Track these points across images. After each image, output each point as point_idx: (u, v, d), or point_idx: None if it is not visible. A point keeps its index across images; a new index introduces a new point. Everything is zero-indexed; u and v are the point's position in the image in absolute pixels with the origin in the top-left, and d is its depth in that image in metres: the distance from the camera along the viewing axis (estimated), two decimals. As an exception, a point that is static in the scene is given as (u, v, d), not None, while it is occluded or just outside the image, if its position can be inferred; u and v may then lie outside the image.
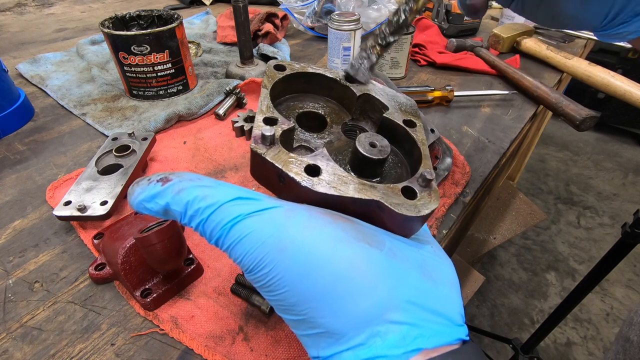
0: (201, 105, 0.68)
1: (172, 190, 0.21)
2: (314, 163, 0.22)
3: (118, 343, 0.34)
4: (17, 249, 0.43)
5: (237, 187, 0.22)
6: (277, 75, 0.28)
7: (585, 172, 2.33)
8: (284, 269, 0.19)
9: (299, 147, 0.27)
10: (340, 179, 0.22)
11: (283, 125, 0.24)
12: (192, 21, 1.15)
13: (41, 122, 0.67)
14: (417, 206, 0.22)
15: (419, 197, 0.23)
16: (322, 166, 0.22)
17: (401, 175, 0.28)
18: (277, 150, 0.23)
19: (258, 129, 0.23)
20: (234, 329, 0.35)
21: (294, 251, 0.19)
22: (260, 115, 0.25)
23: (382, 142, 0.25)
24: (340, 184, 0.22)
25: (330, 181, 0.22)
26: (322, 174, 0.22)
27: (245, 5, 0.69)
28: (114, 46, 0.65)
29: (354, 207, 0.22)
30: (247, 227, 0.20)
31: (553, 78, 0.85)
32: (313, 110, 0.30)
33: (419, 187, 0.23)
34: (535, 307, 1.58)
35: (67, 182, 0.52)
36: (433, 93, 0.71)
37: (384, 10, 0.98)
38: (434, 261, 0.23)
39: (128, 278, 0.36)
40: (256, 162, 0.24)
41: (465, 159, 0.57)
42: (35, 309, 0.37)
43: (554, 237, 1.90)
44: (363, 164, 0.25)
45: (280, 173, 0.22)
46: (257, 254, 0.20)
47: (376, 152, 0.24)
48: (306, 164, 0.22)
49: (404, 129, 0.27)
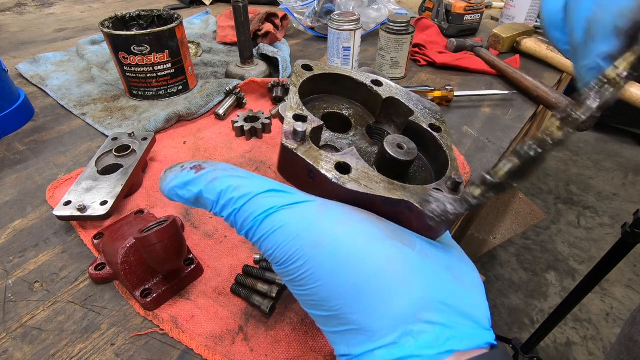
0: (201, 105, 0.68)
1: (206, 178, 0.21)
2: (344, 161, 0.22)
3: (118, 343, 0.34)
4: (17, 249, 0.43)
5: (271, 180, 0.22)
6: (305, 74, 0.28)
7: (585, 172, 2.33)
8: (317, 264, 0.19)
9: (324, 146, 0.27)
10: (370, 177, 0.22)
11: (313, 122, 0.24)
12: (192, 21, 1.15)
13: (41, 122, 0.67)
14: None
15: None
16: (352, 164, 0.22)
17: (426, 179, 0.28)
18: (308, 146, 0.23)
19: (289, 125, 0.23)
20: (234, 329, 0.35)
21: (328, 246, 0.19)
22: (290, 112, 0.25)
23: (410, 145, 0.25)
24: (370, 183, 0.22)
25: (360, 179, 0.22)
26: (351, 171, 0.22)
27: (245, 5, 0.69)
28: (114, 46, 0.65)
29: (383, 207, 0.22)
30: (281, 220, 0.20)
31: (553, 78, 0.85)
32: (338, 111, 0.30)
33: (448, 190, 0.24)
34: (535, 307, 1.58)
35: (67, 182, 0.52)
36: (433, 93, 0.71)
37: (384, 10, 0.98)
38: (460, 264, 0.23)
39: (128, 278, 0.36)
40: (286, 157, 0.23)
41: (465, 159, 0.57)
42: (35, 309, 0.37)
43: (554, 237, 1.90)
44: (390, 165, 0.25)
45: (311, 169, 0.22)
46: (290, 247, 0.19)
47: (403, 153, 0.24)
48: (337, 162, 0.22)
49: (430, 133, 0.28)
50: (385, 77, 0.57)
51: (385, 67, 0.82)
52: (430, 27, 1.01)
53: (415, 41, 0.92)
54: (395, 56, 0.79)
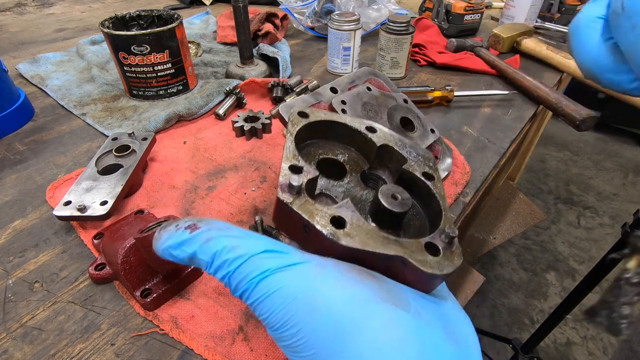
0: (201, 105, 0.68)
1: (200, 238, 0.21)
2: (339, 215, 0.23)
3: (118, 343, 0.34)
4: (17, 249, 0.43)
5: (266, 238, 0.22)
6: (300, 122, 0.28)
7: (585, 172, 2.33)
8: (312, 330, 0.19)
9: (320, 194, 0.27)
10: (364, 231, 0.22)
11: (308, 174, 0.25)
12: (192, 21, 1.15)
13: (41, 122, 0.67)
14: (440, 264, 0.22)
15: (442, 255, 0.23)
16: (347, 218, 0.23)
17: (420, 227, 0.28)
18: (303, 199, 0.23)
19: (285, 177, 0.24)
20: (234, 329, 0.35)
21: (324, 312, 0.19)
22: (286, 163, 0.25)
23: (404, 195, 0.25)
24: (365, 237, 0.22)
25: (354, 234, 0.22)
26: (346, 226, 0.22)
27: (245, 5, 0.69)
28: (114, 46, 0.65)
29: (377, 261, 0.22)
30: (276, 283, 0.20)
31: (553, 78, 0.85)
32: (333, 157, 0.30)
33: (442, 243, 0.24)
34: (535, 307, 1.58)
35: (67, 182, 0.52)
36: (433, 93, 0.71)
37: (384, 10, 0.98)
38: (455, 320, 0.23)
39: (128, 278, 0.36)
40: (282, 210, 0.24)
41: (465, 159, 0.57)
42: (35, 309, 0.37)
43: (554, 237, 1.90)
44: (384, 215, 0.25)
45: (306, 224, 0.22)
46: (286, 312, 0.19)
47: (398, 204, 0.24)
48: (332, 216, 0.22)
49: (423, 182, 0.28)
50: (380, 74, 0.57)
51: (385, 67, 0.82)
52: (430, 27, 1.01)
53: (415, 41, 0.92)
54: (395, 56, 0.79)
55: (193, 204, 0.49)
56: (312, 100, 0.48)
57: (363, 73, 0.55)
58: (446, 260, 0.23)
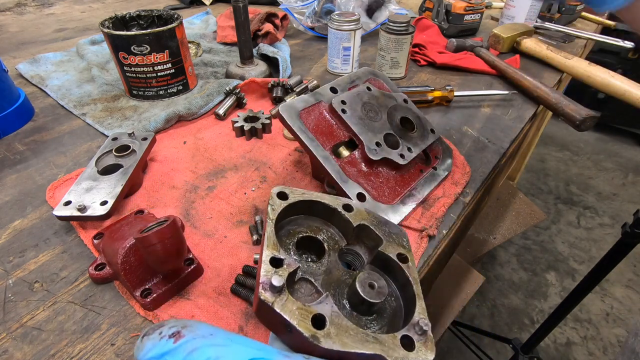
0: (201, 105, 0.68)
1: (185, 349, 0.20)
2: (319, 312, 0.24)
3: (118, 343, 0.34)
4: (17, 249, 0.43)
5: (251, 342, 0.21)
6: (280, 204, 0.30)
7: (585, 172, 2.33)
8: None
9: (300, 279, 0.28)
10: (344, 330, 0.23)
11: (289, 267, 0.26)
12: (192, 21, 1.15)
13: (41, 122, 0.67)
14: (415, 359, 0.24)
15: (416, 349, 0.24)
16: (326, 314, 0.24)
17: (395, 309, 0.29)
18: (284, 298, 0.24)
19: (266, 275, 0.25)
20: (234, 329, 0.35)
21: None
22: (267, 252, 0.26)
23: (380, 283, 0.26)
24: (344, 337, 0.23)
25: (334, 334, 0.23)
26: (326, 324, 0.23)
27: (245, 5, 0.69)
28: (114, 46, 0.65)
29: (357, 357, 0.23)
30: None
31: (553, 78, 0.85)
32: (313, 236, 0.31)
33: (417, 335, 0.25)
34: (535, 307, 1.58)
35: (67, 182, 0.52)
36: (433, 93, 0.71)
37: (383, 10, 0.98)
38: None
39: (128, 278, 0.36)
40: (264, 308, 0.24)
41: (465, 159, 0.57)
42: (35, 309, 0.37)
43: (554, 237, 1.90)
44: (361, 303, 0.26)
45: (288, 324, 0.23)
46: None
47: (374, 294, 0.26)
48: (312, 314, 0.24)
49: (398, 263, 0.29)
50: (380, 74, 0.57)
51: (385, 67, 0.82)
52: (430, 27, 1.01)
53: (415, 41, 0.92)
54: (395, 56, 0.79)
55: (193, 204, 0.49)
56: (312, 100, 0.48)
57: (363, 73, 0.55)
58: (420, 355, 0.24)
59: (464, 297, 1.16)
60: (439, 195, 0.50)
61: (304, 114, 0.47)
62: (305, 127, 0.46)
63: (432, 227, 0.46)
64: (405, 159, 0.47)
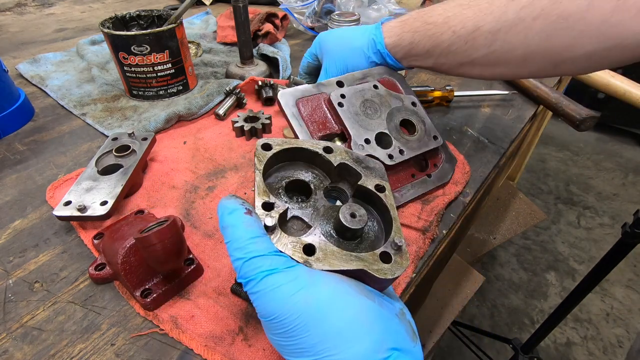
0: (201, 105, 0.68)
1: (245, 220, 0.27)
2: (309, 242, 0.28)
3: (118, 343, 0.34)
4: (17, 249, 0.43)
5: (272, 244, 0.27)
6: (265, 154, 0.33)
7: (585, 172, 2.33)
8: (309, 317, 0.24)
9: (292, 218, 0.31)
10: (331, 253, 0.28)
11: (279, 208, 0.29)
12: (192, 21, 1.15)
13: (41, 122, 0.67)
14: (391, 269, 0.28)
15: (393, 261, 0.28)
16: (315, 243, 0.28)
17: (377, 233, 0.33)
18: (278, 234, 0.27)
19: (260, 214, 0.28)
20: (234, 329, 0.35)
21: (316, 302, 0.24)
22: (259, 199, 0.29)
23: (360, 212, 0.30)
24: (332, 259, 0.27)
25: (323, 258, 0.27)
26: (316, 251, 0.27)
27: (245, 5, 0.69)
28: (114, 46, 0.65)
29: (345, 272, 0.27)
30: (278, 281, 0.24)
31: (553, 78, 0.85)
32: (299, 179, 0.34)
33: (393, 251, 0.29)
34: (535, 307, 1.58)
35: (67, 182, 0.52)
36: (433, 93, 0.71)
37: (384, 10, 0.98)
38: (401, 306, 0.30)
39: (128, 278, 0.36)
40: None
41: (465, 159, 0.57)
42: (35, 309, 0.37)
43: (554, 237, 1.90)
44: (345, 231, 0.30)
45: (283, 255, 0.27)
46: (284, 304, 0.24)
47: (356, 222, 0.29)
48: (303, 245, 0.27)
49: (376, 193, 0.33)
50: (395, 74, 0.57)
51: (385, 67, 0.81)
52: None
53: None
54: (395, 56, 0.79)
55: (193, 204, 0.49)
56: (314, 90, 0.49)
57: (378, 71, 0.55)
58: (396, 265, 0.28)
59: (464, 297, 1.15)
60: (439, 194, 0.50)
61: (302, 102, 0.48)
62: (300, 114, 0.47)
63: (433, 224, 0.46)
64: (394, 160, 0.47)
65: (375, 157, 0.46)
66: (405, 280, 0.41)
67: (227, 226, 0.27)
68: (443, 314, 1.09)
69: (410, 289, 0.42)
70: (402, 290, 0.40)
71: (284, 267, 0.25)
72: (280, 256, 0.26)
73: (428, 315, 1.07)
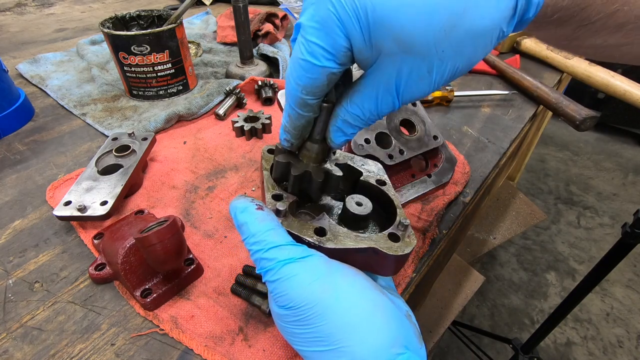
0: (201, 105, 0.68)
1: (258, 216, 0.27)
2: (320, 226, 0.29)
3: (118, 343, 0.34)
4: (17, 249, 0.43)
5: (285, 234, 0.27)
6: (271, 157, 0.34)
7: (585, 172, 2.33)
8: (325, 305, 0.24)
9: (300, 212, 0.33)
10: (341, 234, 0.29)
11: (289, 198, 0.31)
12: (192, 21, 1.15)
13: (41, 122, 0.67)
14: (401, 247, 0.29)
15: (401, 240, 0.29)
16: (326, 227, 0.29)
17: (381, 223, 0.34)
18: (289, 219, 0.29)
19: (271, 205, 0.29)
20: (234, 329, 0.35)
21: (334, 292, 0.25)
22: (268, 194, 0.31)
23: (364, 201, 0.31)
24: (342, 239, 0.28)
25: (334, 238, 0.28)
26: (327, 233, 0.28)
27: (245, 5, 0.69)
28: (114, 46, 0.65)
29: (355, 255, 0.28)
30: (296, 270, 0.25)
31: (553, 78, 0.85)
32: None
33: (400, 232, 0.30)
34: (535, 307, 1.58)
35: (67, 182, 0.52)
36: (433, 93, 0.71)
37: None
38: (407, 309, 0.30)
39: (128, 278, 0.36)
40: None
41: (465, 159, 0.57)
42: (35, 309, 0.37)
43: (554, 237, 1.90)
44: (353, 219, 0.31)
45: (296, 237, 0.28)
46: (301, 292, 0.24)
47: (362, 209, 0.31)
48: (314, 227, 0.29)
49: (378, 187, 0.35)
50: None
51: (385, 67, 0.81)
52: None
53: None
54: (395, 56, 0.79)
55: (193, 204, 0.49)
56: None
57: None
58: (405, 244, 0.29)
59: (464, 297, 1.16)
60: (439, 194, 0.50)
61: None
62: None
63: (433, 225, 0.46)
64: (394, 160, 0.47)
65: (375, 157, 0.46)
66: (405, 280, 0.41)
67: (242, 224, 0.27)
68: (443, 314, 1.09)
69: (410, 289, 0.42)
70: (402, 290, 0.40)
71: (300, 256, 0.25)
72: (297, 246, 0.26)
73: (428, 315, 1.07)
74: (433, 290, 1.11)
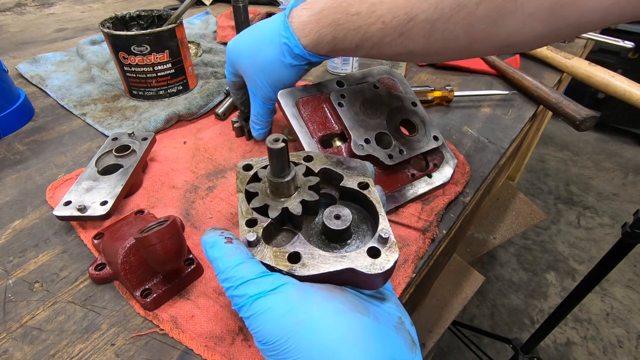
0: (201, 105, 0.68)
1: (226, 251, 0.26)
2: (294, 251, 0.28)
3: (118, 343, 0.34)
4: (17, 249, 0.43)
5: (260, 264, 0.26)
6: (247, 175, 0.33)
7: (585, 172, 2.33)
8: (300, 338, 0.23)
9: (282, 230, 0.31)
10: (318, 257, 0.27)
11: (262, 223, 0.29)
12: (192, 21, 1.15)
13: (41, 122, 0.67)
14: (381, 263, 0.27)
15: (382, 255, 0.27)
16: (301, 250, 0.28)
17: (366, 230, 0.33)
18: (262, 247, 0.28)
19: (245, 232, 0.28)
20: (234, 329, 0.35)
21: (308, 321, 0.24)
22: (242, 220, 0.29)
23: (344, 212, 0.30)
24: (318, 263, 0.27)
25: (309, 264, 0.27)
26: (302, 258, 0.27)
27: (245, 5, 0.69)
28: (114, 46, 0.65)
29: (334, 275, 0.27)
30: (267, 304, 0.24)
31: (553, 78, 0.85)
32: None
33: (380, 244, 0.28)
34: (535, 307, 1.59)
35: (67, 182, 0.52)
36: (433, 93, 0.71)
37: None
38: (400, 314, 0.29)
39: (128, 278, 0.36)
40: None
41: (465, 159, 0.57)
42: (35, 309, 0.37)
43: (554, 237, 1.90)
44: (333, 233, 0.30)
45: (268, 266, 0.27)
46: (274, 326, 0.24)
47: (340, 223, 0.29)
48: (288, 254, 0.27)
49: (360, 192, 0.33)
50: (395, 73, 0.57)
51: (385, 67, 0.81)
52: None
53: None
54: (395, 56, 0.79)
55: (193, 204, 0.49)
56: (314, 90, 0.49)
57: (378, 71, 0.55)
58: (385, 259, 0.27)
59: (464, 297, 1.15)
60: (439, 194, 0.50)
61: (302, 102, 0.48)
62: (299, 114, 0.47)
63: (433, 225, 0.46)
64: (393, 160, 0.47)
65: (375, 157, 0.46)
66: (406, 280, 0.41)
67: (212, 260, 0.27)
68: (443, 314, 1.09)
69: (410, 289, 0.42)
70: (402, 290, 0.40)
71: (271, 288, 0.25)
72: (267, 277, 0.25)
73: (428, 315, 1.07)
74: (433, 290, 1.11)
